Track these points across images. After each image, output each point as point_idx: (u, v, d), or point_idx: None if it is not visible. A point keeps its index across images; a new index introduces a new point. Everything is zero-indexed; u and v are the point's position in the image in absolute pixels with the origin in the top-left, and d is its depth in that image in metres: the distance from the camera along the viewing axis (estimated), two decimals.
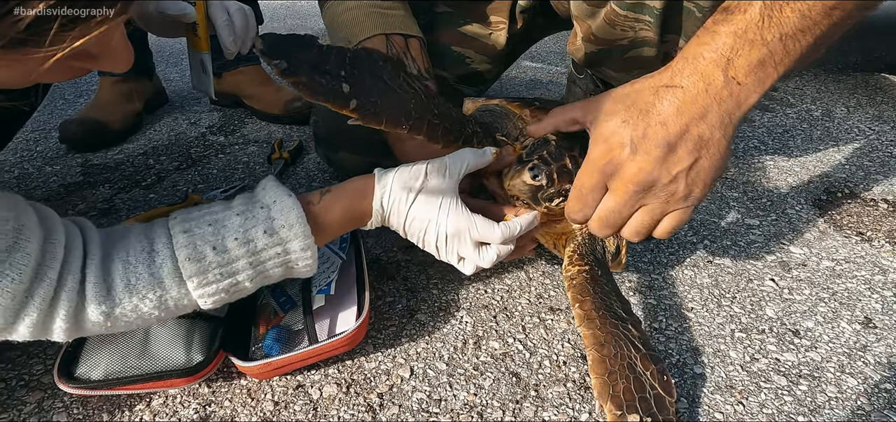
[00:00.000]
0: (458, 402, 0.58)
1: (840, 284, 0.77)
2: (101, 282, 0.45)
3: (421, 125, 0.53)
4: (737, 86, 0.43)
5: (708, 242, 0.87)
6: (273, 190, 0.52)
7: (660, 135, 0.44)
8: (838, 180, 1.07)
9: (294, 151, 1.10)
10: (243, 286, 0.51)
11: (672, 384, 0.52)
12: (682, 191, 0.46)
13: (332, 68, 0.48)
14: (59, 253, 0.44)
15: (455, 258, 0.55)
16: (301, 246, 0.51)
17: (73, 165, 1.06)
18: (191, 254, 0.47)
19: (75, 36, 0.33)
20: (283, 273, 0.52)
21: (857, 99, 1.52)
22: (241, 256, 0.49)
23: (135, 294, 0.46)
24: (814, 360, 0.64)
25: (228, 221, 0.49)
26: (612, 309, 0.55)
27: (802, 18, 0.41)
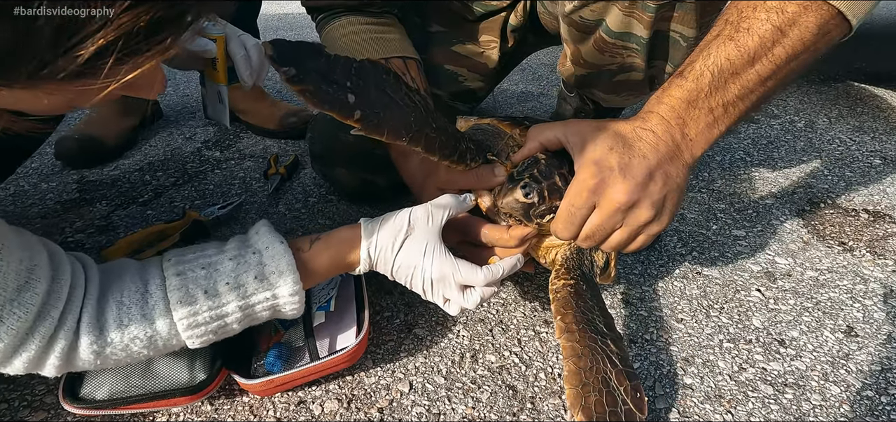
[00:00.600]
0: (456, 415, 0.59)
1: (823, 293, 0.80)
2: (94, 321, 0.47)
3: (419, 138, 0.55)
4: (690, 141, 0.52)
5: (696, 253, 0.89)
6: (266, 236, 0.54)
7: (643, 165, 0.51)
8: (821, 191, 1.10)
9: (290, 166, 1.12)
10: (231, 328, 0.53)
11: (645, 402, 0.54)
12: (653, 214, 0.53)
13: (339, 78, 0.50)
14: (63, 293, 0.46)
15: (441, 300, 0.58)
16: (290, 291, 0.53)
17: (70, 182, 1.06)
18: (183, 297, 0.49)
19: (129, 69, 0.35)
20: (270, 315, 0.55)
21: (838, 110, 1.56)
22: (232, 300, 0.51)
23: (126, 333, 0.48)
24: (799, 369, 0.67)
25: (221, 265, 0.51)
26: (593, 323, 0.57)
27: (741, 88, 0.51)
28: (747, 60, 0.49)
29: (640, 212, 0.51)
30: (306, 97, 0.49)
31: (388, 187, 0.97)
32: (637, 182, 0.50)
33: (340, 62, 0.52)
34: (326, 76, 0.50)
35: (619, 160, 0.50)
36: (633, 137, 0.51)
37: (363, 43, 0.80)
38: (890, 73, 1.92)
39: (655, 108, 0.52)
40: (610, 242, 0.54)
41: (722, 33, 0.51)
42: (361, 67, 0.53)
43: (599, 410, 0.51)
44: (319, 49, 0.52)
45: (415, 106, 0.55)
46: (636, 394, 0.52)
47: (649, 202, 0.51)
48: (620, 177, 0.50)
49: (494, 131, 0.66)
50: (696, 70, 0.50)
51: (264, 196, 1.03)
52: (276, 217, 0.97)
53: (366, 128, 0.52)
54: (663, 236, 0.93)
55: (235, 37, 0.74)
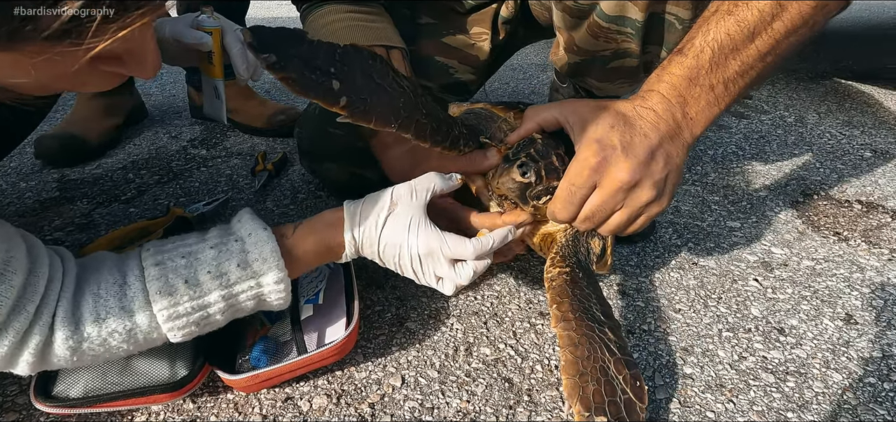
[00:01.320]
0: (451, 409, 0.57)
1: (821, 282, 0.79)
2: (70, 315, 0.45)
3: (409, 124, 0.53)
4: (691, 120, 0.51)
5: (692, 244, 0.88)
6: (248, 222, 0.52)
7: (645, 143, 0.50)
8: (814, 183, 1.10)
9: (278, 162, 1.09)
10: (214, 319, 0.50)
11: (645, 390, 0.52)
12: (655, 194, 0.51)
13: (322, 64, 0.48)
14: (40, 286, 0.44)
15: (433, 280, 0.55)
16: (275, 279, 0.50)
17: (49, 181, 1.03)
18: (162, 287, 0.47)
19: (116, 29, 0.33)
20: (255, 306, 0.52)
21: (827, 105, 1.57)
22: (214, 289, 0.48)
23: (104, 327, 0.46)
24: (799, 357, 0.65)
25: (202, 253, 0.49)
26: (589, 312, 0.56)
27: (741, 64, 0.50)
28: (747, 35, 0.48)
29: (641, 192, 0.50)
30: (289, 84, 0.46)
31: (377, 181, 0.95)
32: (639, 161, 0.49)
33: (323, 48, 0.50)
34: (309, 62, 0.48)
35: (621, 139, 0.49)
36: (634, 115, 0.50)
37: (346, 30, 0.78)
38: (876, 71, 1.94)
39: (656, 86, 0.51)
40: (609, 224, 0.53)
41: (720, 8, 0.50)
42: (346, 53, 0.51)
43: (598, 399, 0.49)
44: (301, 35, 0.50)
45: (403, 91, 0.53)
46: (636, 383, 0.51)
47: (651, 182, 0.50)
48: (623, 155, 0.49)
49: (487, 115, 0.65)
50: (696, 46, 0.49)
51: (251, 193, 1.01)
52: (263, 213, 0.94)
53: (352, 115, 0.49)
54: (659, 227, 0.92)
55: (231, 31, 0.73)
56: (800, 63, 2.01)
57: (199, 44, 0.70)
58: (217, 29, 0.71)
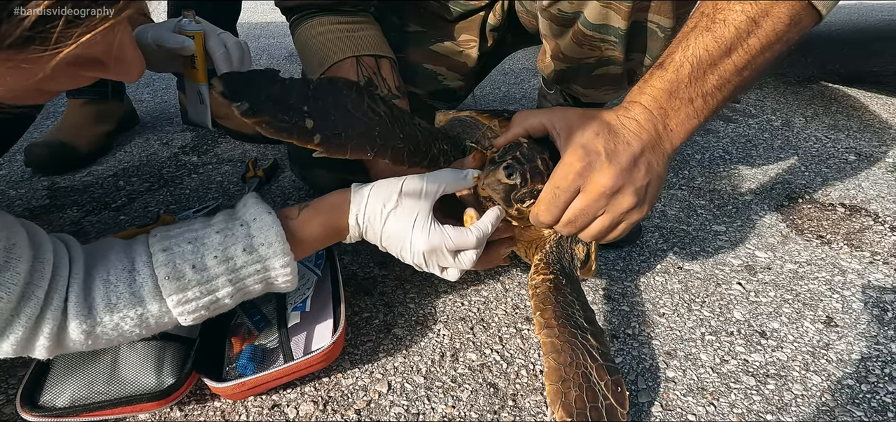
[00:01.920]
0: (436, 415, 0.58)
1: (803, 285, 0.80)
2: (82, 301, 0.46)
3: (385, 150, 0.54)
4: (671, 131, 0.53)
5: (677, 248, 0.89)
6: (253, 207, 0.53)
7: (628, 151, 0.51)
8: (798, 186, 1.11)
9: (269, 169, 1.10)
10: (224, 303, 0.51)
11: (626, 396, 0.53)
12: (636, 201, 0.53)
13: (296, 102, 0.48)
14: (47, 272, 0.44)
15: (437, 270, 0.56)
16: (281, 263, 0.51)
17: (39, 189, 1.03)
18: (170, 272, 0.48)
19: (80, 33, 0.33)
20: (263, 289, 0.53)
21: (814, 109, 1.59)
22: (221, 273, 0.49)
23: (116, 313, 0.47)
24: (780, 359, 0.66)
25: (208, 239, 0.50)
26: (573, 318, 0.57)
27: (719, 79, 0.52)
28: (724, 51, 0.49)
29: (623, 198, 0.51)
30: (263, 128, 0.47)
31: None
32: (622, 168, 0.50)
33: (296, 85, 0.50)
34: (282, 102, 0.48)
35: (605, 146, 0.51)
36: (617, 124, 0.52)
37: (335, 41, 0.79)
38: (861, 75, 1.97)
39: (638, 97, 0.52)
40: (590, 229, 0.54)
41: (698, 25, 0.51)
42: (319, 88, 0.51)
43: (580, 405, 0.50)
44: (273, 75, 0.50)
45: (380, 118, 0.54)
46: (617, 389, 0.52)
47: (633, 189, 0.51)
48: (607, 162, 0.50)
49: (472, 123, 0.66)
50: (676, 61, 0.51)
51: None
52: None
53: (327, 149, 0.50)
54: (644, 232, 0.93)
55: (215, 34, 0.72)
56: (787, 67, 2.03)
57: (180, 48, 0.70)
58: (199, 33, 0.71)
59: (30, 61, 0.34)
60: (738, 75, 0.50)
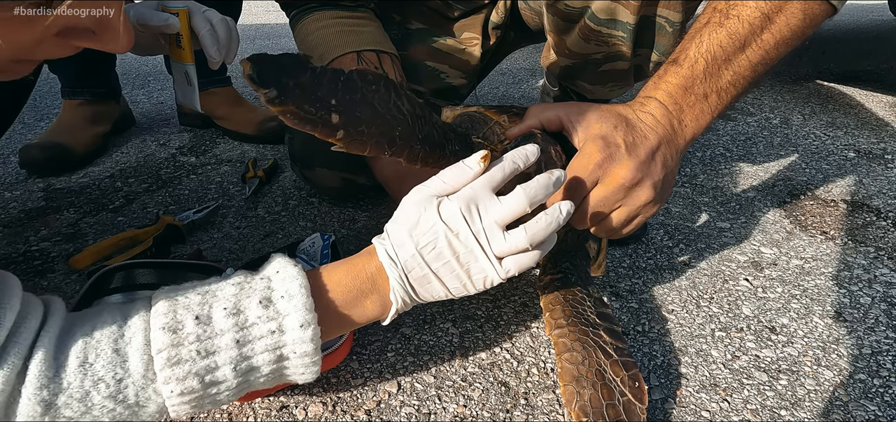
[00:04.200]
0: (447, 414, 0.57)
1: (810, 281, 0.80)
2: (50, 360, 0.36)
3: (402, 151, 0.52)
4: (684, 127, 0.53)
5: (683, 246, 0.89)
6: (278, 260, 0.45)
7: (645, 144, 0.51)
8: (800, 183, 1.11)
9: (269, 169, 1.09)
10: (222, 376, 0.41)
11: (644, 390, 0.52)
12: (653, 195, 0.52)
13: (324, 95, 0.46)
14: (6, 320, 0.35)
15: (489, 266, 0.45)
16: (300, 321, 0.41)
17: (35, 190, 1.01)
18: (168, 323, 0.39)
19: None
20: (273, 367, 0.43)
21: (811, 107, 1.60)
22: (227, 329, 0.40)
23: (88, 376, 0.37)
24: (791, 355, 0.66)
25: (221, 291, 0.42)
26: (584, 316, 0.56)
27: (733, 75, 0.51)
28: (738, 46, 0.49)
29: (642, 191, 0.51)
30: (287, 118, 0.44)
31: (370, 186, 0.95)
32: (641, 160, 0.50)
33: (327, 76, 0.48)
34: (310, 93, 0.45)
35: (624, 138, 0.50)
36: (634, 118, 0.52)
37: (336, 36, 0.78)
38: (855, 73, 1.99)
39: (653, 93, 0.52)
40: (607, 222, 0.53)
41: (712, 20, 0.51)
42: (349, 80, 0.49)
43: (596, 404, 0.49)
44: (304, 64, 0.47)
45: (403, 118, 0.53)
46: (635, 383, 0.51)
47: (651, 182, 0.51)
48: (626, 154, 0.50)
49: (481, 118, 0.65)
50: (691, 57, 0.50)
51: (242, 200, 1.00)
52: (255, 220, 0.93)
53: (348, 146, 0.48)
54: (650, 229, 0.93)
55: (199, 11, 0.69)
56: (783, 66, 2.04)
57: (165, 25, 0.66)
58: (184, 10, 0.68)
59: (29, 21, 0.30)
60: (752, 71, 0.50)
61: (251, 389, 0.43)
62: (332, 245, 0.76)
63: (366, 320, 0.48)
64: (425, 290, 0.46)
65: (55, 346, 0.37)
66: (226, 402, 0.43)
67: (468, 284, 0.46)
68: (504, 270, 0.45)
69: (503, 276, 0.46)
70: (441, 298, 0.48)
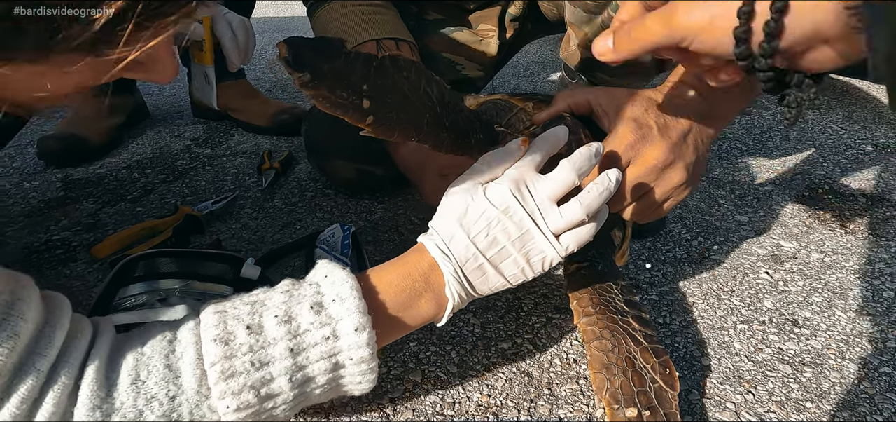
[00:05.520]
0: (472, 404, 0.57)
1: (831, 275, 0.80)
2: (101, 379, 0.35)
3: (429, 137, 0.52)
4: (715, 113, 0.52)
5: (701, 238, 0.89)
6: (326, 266, 0.44)
7: (678, 127, 0.51)
8: (818, 177, 1.11)
9: (284, 161, 1.09)
10: (278, 388, 0.39)
11: (675, 377, 0.52)
12: (686, 178, 0.52)
13: (355, 80, 0.46)
14: (57, 339, 0.35)
15: (547, 245, 0.43)
16: (355, 325, 0.40)
17: (53, 181, 1.02)
18: (219, 334, 0.38)
19: (149, 36, 0.30)
20: (329, 377, 0.41)
21: (827, 101, 1.58)
22: (280, 338, 0.39)
23: (141, 394, 0.35)
24: (815, 348, 0.66)
25: (270, 300, 0.41)
26: (611, 303, 0.56)
27: None
28: None
29: (674, 173, 0.51)
30: (318, 101, 0.44)
31: (386, 178, 0.95)
32: (673, 142, 0.50)
33: (360, 61, 0.47)
34: (343, 78, 0.45)
35: (656, 120, 0.50)
36: (666, 101, 0.51)
37: (355, 24, 0.78)
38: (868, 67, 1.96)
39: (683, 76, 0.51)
40: (638, 205, 0.53)
41: None
42: (381, 66, 0.49)
43: (627, 391, 0.49)
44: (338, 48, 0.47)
45: (431, 105, 0.53)
46: (666, 370, 0.51)
47: (683, 164, 0.50)
48: (659, 135, 0.50)
49: (505, 106, 0.65)
50: None
51: (259, 191, 1.00)
52: (272, 211, 0.93)
53: (376, 131, 0.48)
54: (668, 223, 0.93)
55: (221, 16, 0.71)
56: None
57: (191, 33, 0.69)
58: (207, 17, 0.71)
59: (91, 65, 0.30)
60: None
61: (308, 402, 0.42)
62: (353, 236, 0.76)
63: (421, 320, 0.46)
64: (482, 281, 0.45)
65: (106, 364, 0.36)
66: (283, 418, 0.41)
67: (526, 269, 0.45)
68: (563, 247, 0.44)
69: (563, 253, 0.44)
70: (498, 290, 0.46)
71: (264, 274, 0.69)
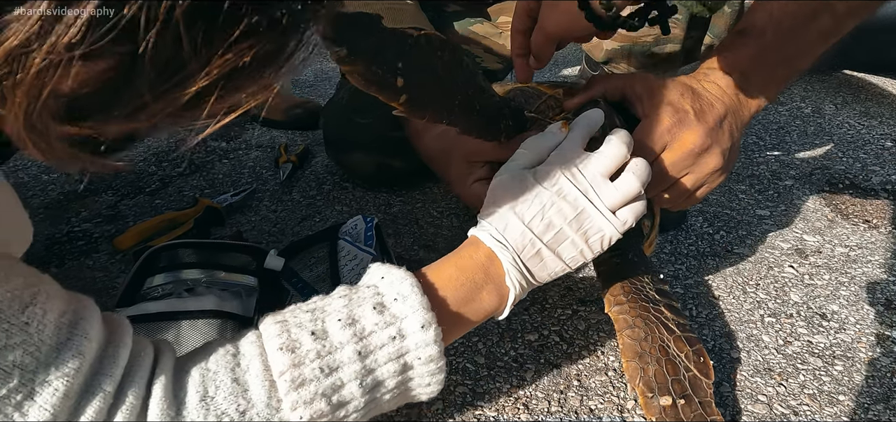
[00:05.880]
0: (502, 395, 0.57)
1: (857, 268, 0.79)
2: (170, 397, 0.34)
3: (459, 120, 0.52)
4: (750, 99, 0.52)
5: (723, 232, 0.88)
6: (379, 267, 0.42)
7: (713, 112, 0.50)
8: (838, 172, 1.10)
9: (300, 154, 1.08)
10: (349, 394, 0.37)
11: (710, 366, 0.51)
12: (721, 164, 0.52)
13: (390, 57, 0.45)
14: (121, 358, 0.33)
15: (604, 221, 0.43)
16: (420, 322, 0.38)
17: (71, 174, 1.02)
18: (284, 343, 0.36)
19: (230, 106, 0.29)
20: (398, 380, 0.39)
21: (843, 97, 1.57)
22: (346, 341, 0.37)
23: (211, 411, 0.34)
24: (844, 341, 0.65)
25: (329, 305, 0.39)
26: (643, 292, 0.55)
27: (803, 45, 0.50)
28: (809, 15, 0.48)
29: (710, 158, 0.50)
30: (353, 77, 0.43)
31: (405, 171, 0.95)
32: (710, 127, 0.49)
33: (395, 38, 0.47)
34: (378, 55, 0.45)
35: (692, 104, 0.50)
36: (699, 88, 0.51)
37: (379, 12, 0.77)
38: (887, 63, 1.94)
39: (717, 64, 0.51)
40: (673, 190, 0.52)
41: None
42: (417, 44, 0.48)
43: (661, 379, 0.49)
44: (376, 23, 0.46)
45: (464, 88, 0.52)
46: (700, 358, 0.50)
47: (719, 149, 0.50)
48: (696, 120, 0.49)
49: (534, 93, 0.64)
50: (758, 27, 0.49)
51: (277, 184, 1.00)
52: (291, 204, 0.93)
53: (408, 111, 0.48)
54: (689, 216, 0.92)
55: None
56: None
57: None
58: None
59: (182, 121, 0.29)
60: (824, 42, 0.49)
61: (377, 410, 0.40)
62: (376, 227, 0.76)
63: (483, 315, 0.44)
64: (541, 268, 0.43)
65: (173, 380, 0.35)
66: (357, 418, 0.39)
67: (585, 250, 0.44)
68: (621, 221, 0.43)
69: (621, 228, 0.43)
70: (557, 275, 0.45)
71: (288, 265, 0.69)
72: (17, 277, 0.31)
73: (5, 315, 0.29)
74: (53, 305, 0.31)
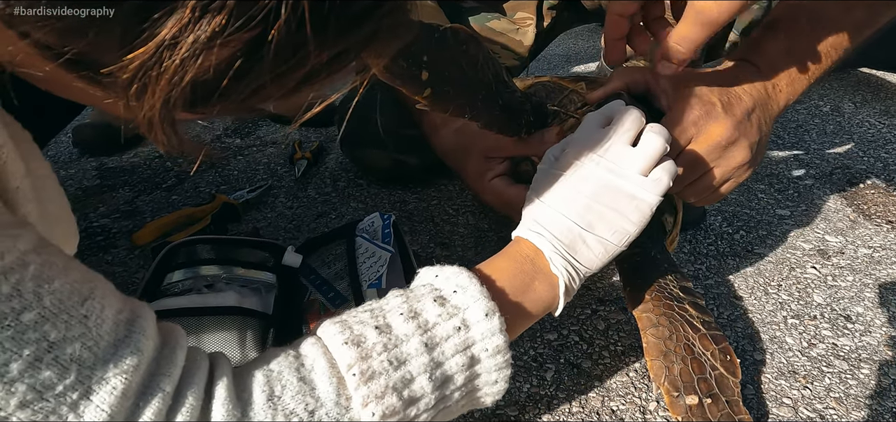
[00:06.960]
0: (522, 394, 0.56)
1: (881, 270, 0.78)
2: (234, 398, 0.32)
3: (481, 115, 0.52)
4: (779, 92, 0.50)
5: (743, 232, 0.87)
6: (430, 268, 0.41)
7: (741, 105, 0.49)
8: (859, 171, 1.08)
9: (315, 151, 1.08)
10: (419, 389, 0.35)
11: (737, 364, 0.51)
12: (749, 157, 0.50)
13: (415, 49, 0.45)
14: (179, 358, 0.32)
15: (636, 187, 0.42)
16: (484, 311, 0.37)
17: (88, 169, 1.03)
18: (349, 337, 0.35)
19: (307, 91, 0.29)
20: (466, 375, 0.37)
21: (862, 95, 1.55)
22: (411, 333, 0.36)
23: (279, 411, 0.32)
24: (871, 344, 0.64)
25: (388, 303, 0.38)
26: (666, 290, 0.54)
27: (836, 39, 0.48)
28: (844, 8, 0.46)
29: (737, 151, 0.49)
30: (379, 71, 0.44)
31: (420, 168, 0.94)
32: (737, 119, 0.48)
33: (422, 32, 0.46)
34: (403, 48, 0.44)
35: (720, 97, 0.48)
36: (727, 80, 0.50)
37: None
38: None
39: (747, 55, 0.50)
40: (699, 184, 0.51)
41: None
42: (442, 37, 0.48)
43: (686, 378, 0.48)
44: None
45: (487, 82, 0.52)
46: (726, 357, 0.50)
47: (747, 143, 0.49)
48: (723, 113, 0.48)
49: (556, 87, 0.64)
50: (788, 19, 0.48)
51: (291, 180, 1.00)
52: (306, 200, 0.93)
53: (433, 105, 0.48)
54: (708, 216, 0.91)
55: None
56: None
57: None
58: None
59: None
60: (859, 35, 0.48)
61: (447, 411, 0.38)
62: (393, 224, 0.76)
63: (541, 306, 0.43)
64: (582, 253, 0.43)
65: (235, 382, 0.33)
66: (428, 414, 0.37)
67: (625, 223, 0.43)
68: (654, 181, 0.42)
69: (656, 191, 0.42)
70: (606, 257, 0.44)
71: (306, 262, 0.69)
72: (74, 270, 0.30)
73: (65, 306, 0.28)
74: (111, 301, 0.30)
